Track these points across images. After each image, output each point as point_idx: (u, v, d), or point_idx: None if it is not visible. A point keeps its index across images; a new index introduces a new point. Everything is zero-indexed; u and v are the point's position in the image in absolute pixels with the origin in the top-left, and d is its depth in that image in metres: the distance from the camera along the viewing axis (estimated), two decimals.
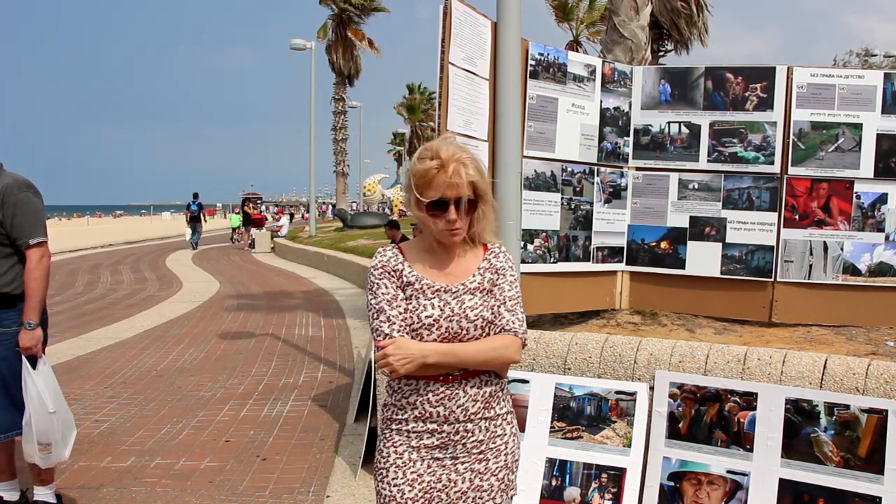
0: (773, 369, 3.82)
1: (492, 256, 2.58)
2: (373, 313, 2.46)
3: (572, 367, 4.22)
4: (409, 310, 2.44)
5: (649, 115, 6.97)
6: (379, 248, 2.60)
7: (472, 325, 2.45)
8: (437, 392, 2.45)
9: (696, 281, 6.87)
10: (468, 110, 5.63)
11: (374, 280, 2.49)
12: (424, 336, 2.42)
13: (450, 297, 2.46)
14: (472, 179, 2.42)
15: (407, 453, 2.49)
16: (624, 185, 6.97)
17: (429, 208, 2.43)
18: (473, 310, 2.46)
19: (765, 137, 6.70)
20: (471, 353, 2.43)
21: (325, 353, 9.61)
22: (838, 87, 6.65)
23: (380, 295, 2.46)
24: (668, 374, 3.98)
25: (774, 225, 6.71)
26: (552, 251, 6.50)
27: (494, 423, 2.55)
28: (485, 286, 2.52)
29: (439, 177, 2.40)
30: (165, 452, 5.89)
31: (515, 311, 2.52)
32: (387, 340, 2.39)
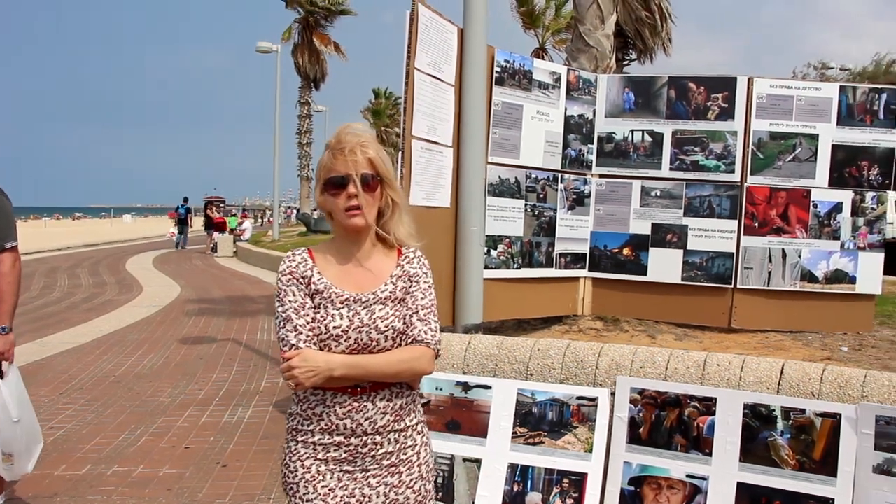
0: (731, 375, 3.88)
1: (406, 262, 2.51)
2: (279, 322, 2.37)
3: (534, 373, 4.25)
4: (317, 319, 2.35)
5: (613, 123, 7.05)
6: (288, 252, 2.51)
7: (383, 337, 2.37)
8: (344, 404, 2.37)
9: (657, 287, 6.96)
10: (433, 116, 5.65)
11: (282, 287, 2.40)
12: (332, 347, 2.33)
13: (360, 308, 2.38)
14: (370, 157, 2.38)
15: (315, 467, 2.39)
16: (587, 191, 7.04)
17: (327, 186, 2.39)
18: (384, 321, 2.38)
19: (726, 146, 6.81)
20: (380, 366, 2.35)
21: None
22: (796, 99, 6.78)
23: (287, 303, 2.37)
24: (629, 380, 4.02)
25: (734, 232, 6.82)
26: (515, 257, 6.54)
27: (405, 435, 2.47)
28: (397, 295, 2.44)
29: (338, 158, 2.37)
30: (123, 460, 5.81)
31: (428, 320, 2.45)
32: (292, 351, 2.30)
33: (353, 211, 2.37)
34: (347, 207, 2.37)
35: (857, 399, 3.54)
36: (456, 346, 4.40)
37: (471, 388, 4.22)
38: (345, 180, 2.36)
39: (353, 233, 2.44)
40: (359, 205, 2.36)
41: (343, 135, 2.41)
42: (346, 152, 2.36)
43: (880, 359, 6.01)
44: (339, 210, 2.39)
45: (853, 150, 6.79)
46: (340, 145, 2.38)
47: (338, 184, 2.37)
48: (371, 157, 2.39)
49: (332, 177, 2.38)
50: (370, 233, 2.46)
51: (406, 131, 5.43)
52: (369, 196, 2.39)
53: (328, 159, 2.40)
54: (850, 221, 6.81)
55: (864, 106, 6.79)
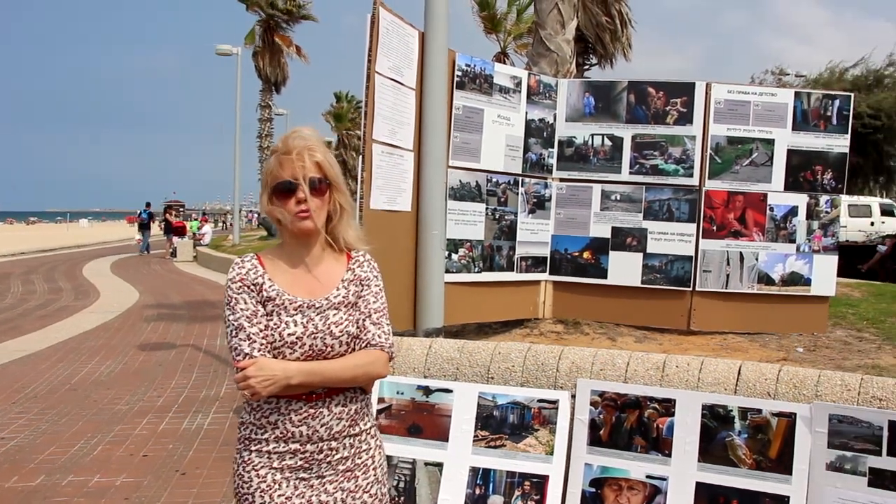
0: (690, 376, 3.92)
1: (356, 266, 2.50)
2: (231, 330, 2.33)
3: (495, 376, 4.26)
4: (270, 327, 2.33)
5: (573, 127, 7.10)
6: (236, 259, 2.47)
7: (337, 342, 2.36)
8: (300, 411, 2.35)
9: (617, 290, 7.02)
10: (394, 119, 5.65)
11: (233, 294, 2.36)
12: (287, 354, 2.32)
13: (313, 314, 2.36)
14: (317, 161, 2.36)
15: (270, 475, 2.36)
16: (548, 195, 7.08)
17: (275, 192, 2.36)
18: (338, 326, 2.37)
19: (684, 151, 6.89)
20: (336, 372, 2.34)
21: None
22: (753, 104, 6.89)
23: (238, 311, 2.33)
24: (589, 382, 4.05)
25: (693, 236, 6.90)
26: (476, 261, 6.55)
27: (359, 440, 2.46)
28: (349, 299, 2.43)
29: (285, 163, 2.34)
30: (78, 469, 5.71)
31: (381, 323, 2.45)
32: (247, 360, 2.27)
33: (303, 214, 2.35)
34: (297, 212, 2.35)
35: (811, 399, 3.61)
36: (417, 349, 4.40)
37: (432, 392, 4.22)
38: (293, 185, 2.34)
39: (302, 238, 2.42)
40: (308, 209, 2.35)
41: (290, 139, 2.40)
42: (294, 157, 2.34)
43: (834, 359, 6.12)
44: (289, 215, 2.36)
45: (807, 154, 6.91)
46: (287, 150, 2.36)
47: (286, 189, 2.35)
48: (319, 161, 2.38)
49: (281, 182, 2.35)
50: (319, 238, 2.45)
51: (367, 135, 5.42)
52: (318, 200, 2.38)
53: (275, 165, 2.38)
54: (805, 225, 6.93)
55: (818, 112, 6.93)
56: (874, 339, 6.93)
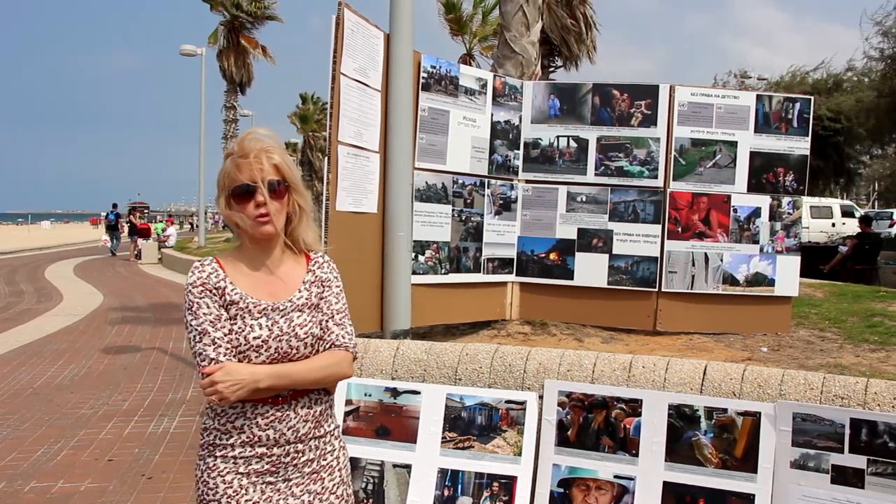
0: (656, 376, 3.94)
1: (316, 267, 2.48)
2: (195, 336, 2.29)
3: (463, 378, 4.26)
4: (235, 331, 2.30)
5: (539, 129, 7.12)
6: (195, 263, 2.43)
7: (303, 344, 2.35)
8: (266, 415, 2.32)
9: (584, 291, 7.05)
10: (360, 121, 5.62)
11: (194, 299, 2.31)
12: (252, 358, 2.29)
13: (278, 316, 2.34)
14: (275, 163, 2.33)
15: (236, 481, 2.32)
16: (514, 197, 7.09)
17: (234, 196, 2.32)
18: (303, 328, 2.36)
19: (649, 152, 6.94)
20: (304, 374, 2.32)
21: None
22: (716, 107, 6.96)
23: (201, 315, 2.29)
24: (556, 383, 4.05)
25: (658, 237, 6.95)
26: (443, 262, 6.54)
27: (324, 441, 2.45)
28: (312, 301, 2.42)
29: (243, 166, 2.31)
30: (41, 475, 5.61)
31: (344, 324, 2.45)
32: (214, 366, 2.23)
33: (263, 219, 2.32)
34: (256, 216, 2.31)
35: (775, 398, 3.65)
36: (385, 351, 4.38)
37: (400, 394, 4.20)
38: (252, 188, 2.30)
39: (262, 241, 2.39)
40: (268, 212, 2.31)
41: (246, 142, 2.36)
42: (251, 159, 2.31)
43: (797, 358, 6.20)
44: (248, 220, 2.33)
45: (770, 156, 6.99)
46: (244, 152, 2.33)
47: (245, 192, 2.31)
48: (277, 163, 2.35)
49: (238, 185, 2.31)
50: (279, 240, 2.42)
51: (332, 136, 5.39)
52: (278, 203, 2.34)
53: (231, 168, 2.33)
54: (768, 226, 7.02)
55: (779, 114, 7.01)
56: (836, 338, 7.04)
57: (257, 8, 41.13)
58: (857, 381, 3.56)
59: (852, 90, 23.98)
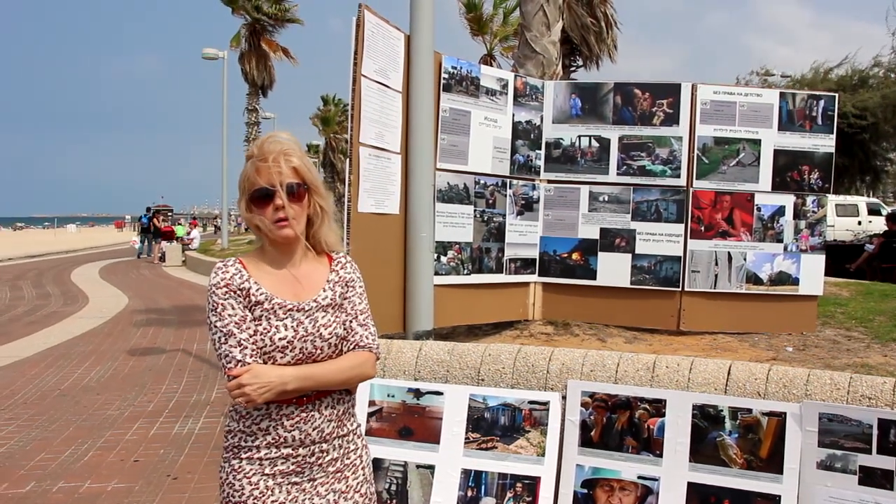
0: (680, 376, 3.92)
1: (339, 268, 2.49)
2: (220, 337, 2.28)
3: (486, 378, 4.25)
4: (260, 332, 2.29)
5: (560, 129, 7.10)
6: (218, 263, 2.42)
7: (326, 344, 2.35)
8: (291, 416, 2.33)
9: (606, 291, 7.02)
10: (381, 122, 5.63)
11: (219, 300, 2.31)
12: (277, 359, 2.29)
13: (303, 317, 2.34)
14: (294, 165, 2.33)
15: (262, 482, 2.33)
16: (536, 197, 7.08)
17: (253, 200, 2.32)
18: (327, 328, 2.36)
19: (671, 151, 6.90)
20: (329, 375, 2.33)
21: None
22: (739, 105, 6.91)
23: (226, 317, 2.29)
24: (579, 384, 4.04)
25: (681, 236, 6.91)
26: (465, 263, 6.54)
27: (347, 440, 2.46)
28: (336, 301, 2.42)
29: (262, 169, 2.31)
30: (69, 475, 5.67)
31: (367, 324, 2.45)
32: (240, 368, 2.23)
33: (282, 223, 2.32)
34: (276, 220, 2.32)
35: (801, 398, 3.61)
36: (407, 352, 4.39)
37: (423, 395, 4.21)
38: (270, 192, 2.30)
39: (282, 244, 2.40)
40: (286, 217, 2.31)
41: (265, 144, 2.36)
42: (270, 162, 2.31)
43: (823, 358, 6.14)
44: (268, 222, 2.33)
45: (794, 154, 6.93)
46: (263, 155, 2.33)
47: (263, 196, 2.32)
48: (296, 166, 2.34)
49: (257, 189, 2.31)
50: (301, 242, 2.42)
51: (354, 138, 5.40)
52: (297, 206, 2.35)
53: (251, 171, 2.33)
54: (792, 224, 6.96)
55: (803, 112, 6.95)
56: (863, 338, 6.96)
57: (278, 10, 41.34)
58: (884, 381, 3.52)
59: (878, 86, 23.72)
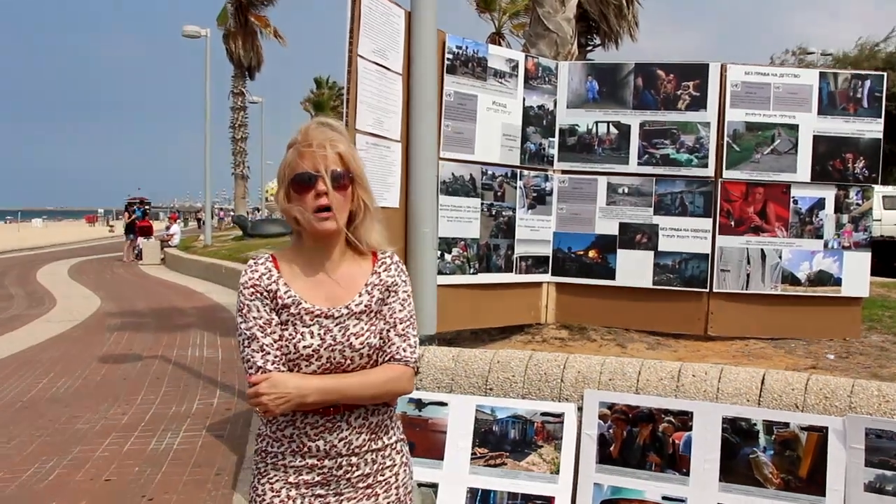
0: (708, 386, 3.91)
1: (382, 269, 2.50)
2: (243, 340, 2.36)
3: (494, 388, 4.24)
4: (285, 338, 2.35)
5: (576, 115, 7.08)
6: (250, 259, 2.49)
7: (357, 355, 2.37)
8: (315, 425, 2.37)
9: (627, 292, 7.00)
10: (379, 108, 5.62)
11: (245, 301, 2.39)
12: (302, 367, 2.33)
13: (331, 324, 2.37)
14: (340, 152, 2.37)
15: (285, 490, 2.39)
16: (549, 189, 7.07)
17: (293, 186, 2.36)
18: (358, 337, 2.38)
19: (698, 139, 6.88)
20: (356, 390, 2.36)
21: (222, 377, 9.44)
22: (773, 87, 6.87)
23: (251, 319, 2.36)
24: (597, 394, 4.03)
25: (709, 232, 6.89)
26: (472, 261, 6.53)
27: (382, 455, 2.47)
28: (373, 307, 2.43)
29: (306, 154, 2.35)
30: (32, 497, 5.66)
31: (407, 335, 2.46)
32: (260, 375, 2.30)
33: (324, 213, 2.35)
34: (317, 208, 2.34)
35: (844, 411, 3.59)
36: None
37: (425, 406, 4.20)
38: (313, 178, 2.34)
39: (322, 239, 2.41)
40: (329, 205, 2.34)
41: (310, 130, 2.39)
42: (315, 147, 2.34)
43: (869, 367, 6.11)
44: (308, 213, 2.35)
45: (836, 141, 6.89)
46: (308, 141, 2.36)
47: (305, 182, 2.34)
48: (342, 153, 2.38)
49: (299, 174, 2.35)
50: (341, 238, 2.45)
51: (350, 125, 5.39)
52: (340, 196, 2.37)
53: (293, 157, 2.37)
54: (833, 219, 6.91)
55: (846, 94, 6.91)
56: None
57: None
58: None
59: None
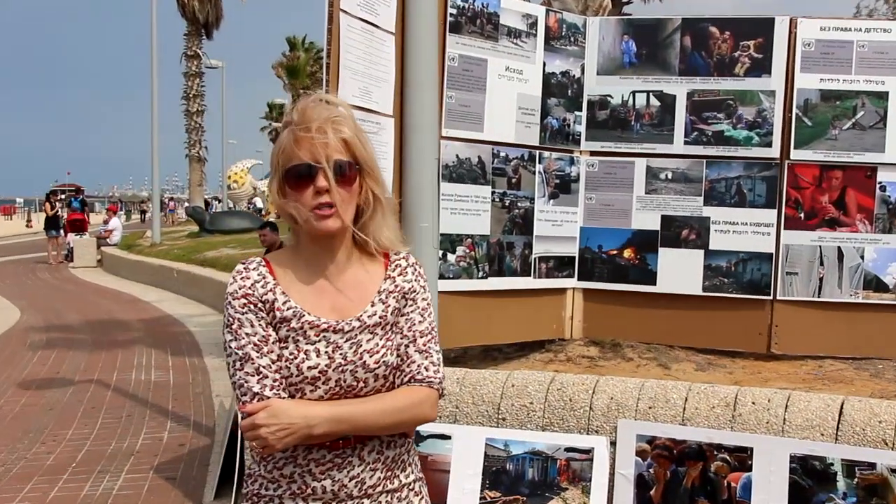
0: (772, 416, 3.91)
1: (396, 273, 2.51)
2: (234, 361, 2.35)
3: (508, 417, 4.25)
4: (286, 357, 2.34)
5: (608, 83, 7.08)
6: (238, 264, 2.48)
7: (372, 376, 2.38)
8: (322, 461, 2.37)
9: (670, 300, 6.99)
10: (367, 74, 5.63)
11: (235, 315, 2.38)
12: (307, 392, 2.33)
13: (341, 340, 2.37)
14: (345, 137, 2.37)
15: None
16: (575, 174, 7.07)
17: (288, 180, 2.36)
18: (373, 355, 2.39)
19: (760, 111, 6.86)
20: (371, 418, 2.36)
21: (174, 406, 9.45)
22: (857, 45, 6.82)
23: (243, 336, 2.35)
24: (634, 425, 4.04)
25: (773, 226, 6.86)
26: (480, 263, 6.54)
27: (399, 497, 2.48)
28: (388, 319, 2.45)
29: (303, 141, 2.34)
30: None
31: (429, 351, 2.47)
32: (257, 403, 2.28)
33: (324, 210, 2.34)
34: (316, 206, 2.33)
35: None
36: None
37: (424, 439, 4.21)
38: (312, 170, 2.33)
39: (323, 239, 2.41)
40: (331, 202, 2.33)
41: (308, 109, 2.39)
42: (314, 132, 2.33)
43: None
44: (305, 211, 2.35)
45: None
46: (305, 123, 2.35)
47: (302, 175, 2.34)
48: (346, 138, 2.38)
49: (294, 166, 2.35)
50: (346, 238, 2.44)
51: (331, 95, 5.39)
52: (345, 191, 2.37)
53: (288, 142, 2.37)
54: None
55: None
56: None
57: None
58: None
59: None
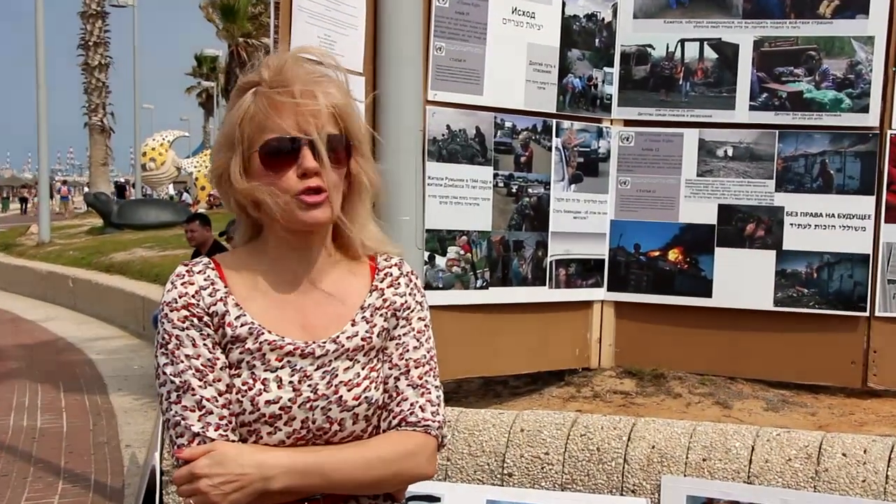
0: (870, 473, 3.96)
1: (386, 285, 2.51)
2: (170, 392, 2.30)
3: (516, 472, 4.30)
4: (238, 388, 2.30)
5: (648, 28, 7.07)
6: (179, 266, 2.43)
7: (350, 416, 2.36)
8: None
9: (731, 318, 6.97)
10: (328, 18, 5.65)
11: (173, 331, 2.33)
12: (264, 435, 2.31)
13: (310, 367, 2.34)
14: (334, 102, 2.33)
15: None
16: (604, 151, 7.06)
17: (264, 158, 2.31)
18: (352, 388, 2.36)
19: (853, 65, 6.82)
20: (350, 472, 2.32)
21: (67, 461, 9.43)
22: None
23: (182, 360, 2.30)
24: (683, 483, 4.09)
25: (870, 219, 6.80)
26: (479, 268, 6.52)
27: None
28: (373, 342, 2.43)
29: (284, 107, 2.29)
30: None
31: (426, 386, 2.45)
32: (197, 447, 2.24)
33: (313, 197, 2.31)
34: (302, 190, 2.30)
35: None
36: None
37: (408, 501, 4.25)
38: (297, 145, 2.30)
39: (303, 235, 2.39)
40: (323, 186, 2.31)
41: (287, 66, 2.35)
42: (298, 96, 2.29)
43: None
44: (285, 196, 2.31)
45: None
46: (285, 83, 2.31)
47: (284, 151, 2.31)
48: (337, 104, 2.34)
49: (278, 138, 2.30)
50: (324, 236, 2.43)
51: (281, 46, 5.43)
52: (335, 174, 2.35)
53: (261, 108, 2.32)
54: None
55: None
56: None
57: None
58: None
59: None
